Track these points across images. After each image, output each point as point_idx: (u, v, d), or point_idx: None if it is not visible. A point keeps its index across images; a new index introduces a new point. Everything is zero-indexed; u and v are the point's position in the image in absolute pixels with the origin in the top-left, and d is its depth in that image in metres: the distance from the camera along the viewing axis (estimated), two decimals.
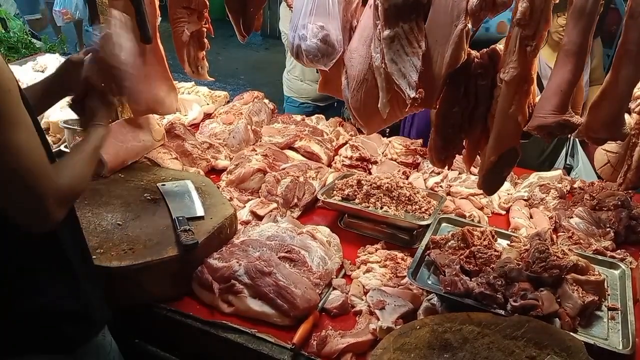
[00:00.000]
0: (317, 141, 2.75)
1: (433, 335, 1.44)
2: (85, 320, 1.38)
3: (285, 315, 1.65)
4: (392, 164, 2.68)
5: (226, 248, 1.86)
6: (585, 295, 1.59)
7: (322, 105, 3.56)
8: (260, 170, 2.40)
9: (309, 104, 3.58)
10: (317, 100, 3.56)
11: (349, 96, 1.69)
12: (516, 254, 1.71)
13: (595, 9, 1.26)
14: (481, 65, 1.48)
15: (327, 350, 1.55)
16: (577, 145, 3.24)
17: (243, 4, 2.01)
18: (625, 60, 1.29)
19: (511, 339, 1.41)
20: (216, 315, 1.70)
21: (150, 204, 1.98)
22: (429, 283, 1.73)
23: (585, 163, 3.15)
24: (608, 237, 2.13)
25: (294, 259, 1.81)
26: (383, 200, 2.15)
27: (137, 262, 1.65)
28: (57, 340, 1.33)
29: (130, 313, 1.71)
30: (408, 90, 1.44)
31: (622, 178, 1.63)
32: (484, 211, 2.34)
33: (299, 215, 2.26)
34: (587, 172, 3.08)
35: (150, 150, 2.38)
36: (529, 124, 1.41)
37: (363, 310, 1.71)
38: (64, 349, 1.35)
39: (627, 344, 1.51)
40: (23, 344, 1.30)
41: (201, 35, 2.27)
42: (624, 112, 1.39)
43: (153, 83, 2.28)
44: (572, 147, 3.24)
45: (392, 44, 1.45)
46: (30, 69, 3.55)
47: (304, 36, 1.69)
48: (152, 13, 2.12)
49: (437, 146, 1.63)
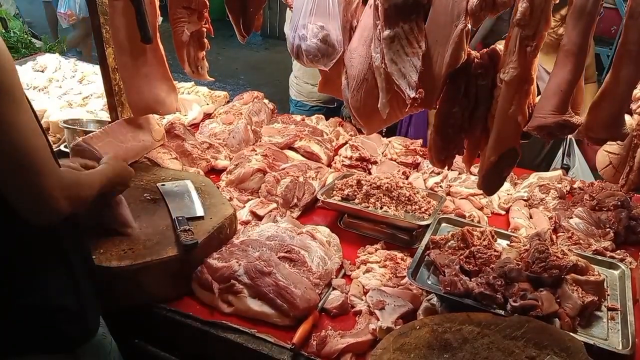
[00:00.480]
0: (317, 141, 2.75)
1: (433, 335, 1.44)
2: (84, 320, 1.38)
3: (285, 315, 1.65)
4: (392, 164, 2.68)
5: (226, 248, 1.86)
6: (585, 295, 1.59)
7: (332, 107, 3.55)
8: (260, 170, 2.40)
9: (321, 106, 3.57)
10: (328, 103, 3.55)
11: (349, 96, 1.68)
12: (516, 254, 1.71)
13: (595, 9, 1.26)
14: (481, 65, 1.48)
15: (327, 351, 1.55)
16: (573, 145, 3.24)
17: (243, 4, 2.01)
18: (625, 60, 1.29)
19: (511, 339, 1.41)
20: (216, 315, 1.70)
21: (150, 204, 1.98)
22: (428, 283, 1.73)
23: (582, 163, 3.15)
24: (608, 237, 2.13)
25: (293, 259, 1.81)
26: (383, 200, 2.15)
27: (137, 262, 1.65)
28: (57, 339, 1.33)
29: (130, 313, 1.71)
30: (408, 90, 1.44)
31: (625, 179, 1.63)
32: (484, 211, 2.34)
33: (299, 215, 2.26)
34: (584, 172, 3.09)
35: (150, 150, 2.38)
36: (528, 124, 1.41)
37: (363, 310, 1.71)
38: (64, 348, 1.35)
39: (627, 344, 1.51)
40: (23, 344, 1.30)
41: (201, 35, 2.27)
42: (624, 113, 1.39)
43: (153, 83, 2.28)
44: (569, 146, 3.24)
45: (392, 44, 1.45)
46: (30, 69, 3.55)
47: (304, 36, 1.69)
48: (152, 13, 2.12)
49: (437, 146, 1.63)
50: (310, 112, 3.54)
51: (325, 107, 3.55)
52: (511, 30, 1.36)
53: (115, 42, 2.16)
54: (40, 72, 3.56)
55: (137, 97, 2.26)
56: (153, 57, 2.23)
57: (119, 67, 2.25)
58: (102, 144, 2.10)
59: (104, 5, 2.17)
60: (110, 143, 2.14)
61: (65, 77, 3.52)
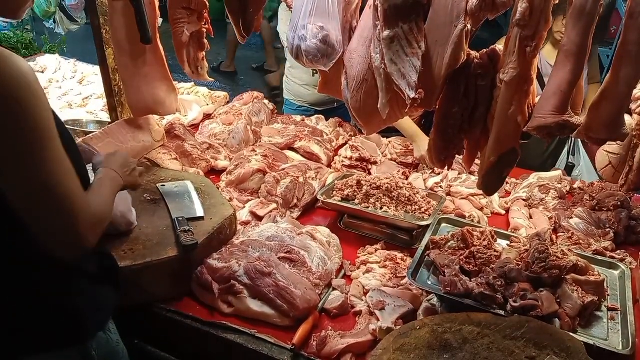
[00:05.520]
0: (317, 142, 2.75)
1: (433, 335, 1.44)
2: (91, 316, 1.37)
3: (285, 315, 1.65)
4: (392, 164, 2.68)
5: (226, 248, 1.86)
6: (585, 295, 1.59)
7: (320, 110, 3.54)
8: (260, 171, 2.40)
9: (306, 107, 3.58)
10: (315, 105, 3.54)
11: (348, 96, 1.69)
12: (516, 254, 1.71)
13: (595, 9, 1.26)
14: (481, 65, 1.48)
15: (327, 351, 1.55)
16: (578, 144, 3.25)
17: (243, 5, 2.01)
18: (625, 61, 1.29)
19: (511, 340, 1.41)
20: (216, 316, 1.69)
21: (150, 204, 1.98)
22: (428, 283, 1.73)
23: (586, 161, 3.16)
24: (608, 237, 2.12)
25: (293, 259, 1.81)
26: (383, 200, 2.15)
27: (137, 262, 1.65)
28: (68, 334, 1.32)
29: (130, 313, 1.71)
30: (408, 90, 1.44)
31: (624, 179, 1.63)
32: (484, 211, 2.34)
33: (299, 216, 2.26)
34: (588, 170, 3.09)
35: (150, 151, 2.38)
36: (528, 124, 1.41)
37: (363, 310, 1.71)
38: (75, 341, 1.33)
39: (627, 344, 1.50)
40: (33, 341, 1.28)
41: (201, 35, 2.27)
42: (623, 113, 1.39)
43: (153, 83, 2.28)
44: (574, 145, 3.25)
45: (391, 45, 1.45)
46: None
47: (304, 37, 1.69)
48: (152, 13, 2.13)
49: (437, 146, 1.63)
50: (297, 111, 3.54)
51: (313, 108, 3.54)
52: (511, 30, 1.36)
53: (115, 42, 2.17)
54: (40, 72, 3.56)
55: (137, 98, 2.26)
56: (153, 57, 2.24)
57: (118, 68, 2.25)
58: (102, 145, 2.10)
59: (104, 6, 2.18)
60: (110, 144, 2.15)
61: (65, 77, 3.52)
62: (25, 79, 1.04)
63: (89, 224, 1.15)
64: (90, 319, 1.35)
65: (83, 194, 1.15)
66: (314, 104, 3.49)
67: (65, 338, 1.31)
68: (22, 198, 1.09)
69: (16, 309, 1.25)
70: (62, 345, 1.31)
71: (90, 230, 1.16)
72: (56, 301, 1.29)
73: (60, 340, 1.30)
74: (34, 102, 1.05)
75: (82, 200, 1.14)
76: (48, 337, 1.29)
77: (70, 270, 1.29)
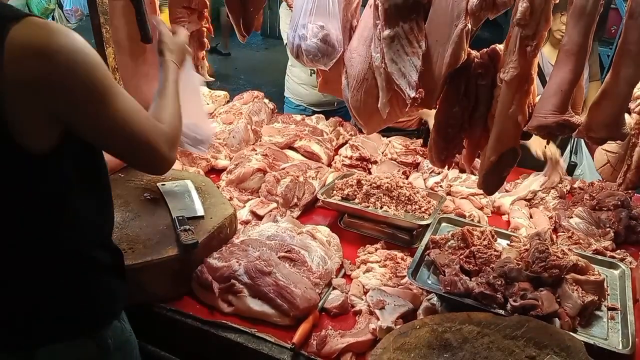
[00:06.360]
0: (317, 141, 2.75)
1: (433, 335, 1.44)
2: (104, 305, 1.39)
3: (285, 314, 1.64)
4: (392, 163, 2.68)
5: (226, 248, 1.86)
6: (585, 295, 1.59)
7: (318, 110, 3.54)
8: (260, 170, 2.40)
9: (304, 106, 3.58)
10: (313, 105, 3.54)
11: (349, 96, 1.69)
12: (516, 253, 1.71)
13: (595, 9, 1.26)
14: (481, 65, 1.48)
15: (327, 350, 1.55)
16: (580, 143, 3.25)
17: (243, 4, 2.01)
18: (625, 60, 1.29)
19: (511, 339, 1.41)
20: (216, 315, 1.70)
21: (150, 203, 1.98)
22: (428, 283, 1.73)
23: (589, 160, 3.16)
24: (608, 237, 2.13)
25: (293, 258, 1.81)
26: (383, 200, 2.15)
27: (137, 261, 1.65)
28: (85, 322, 1.34)
29: (130, 313, 1.71)
30: (408, 90, 1.44)
31: (622, 178, 1.63)
32: (484, 211, 2.34)
33: (299, 215, 2.26)
34: (591, 169, 3.09)
35: None
36: (529, 123, 1.41)
37: (363, 310, 1.71)
38: (93, 330, 1.35)
39: (627, 344, 1.51)
40: (51, 330, 1.29)
41: (201, 35, 2.27)
42: (624, 112, 1.39)
43: (153, 83, 2.26)
44: (576, 144, 3.25)
45: (392, 44, 1.45)
46: None
47: (304, 36, 1.69)
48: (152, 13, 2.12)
49: (437, 146, 1.63)
50: (296, 110, 3.54)
51: (310, 108, 3.54)
52: (511, 30, 1.36)
53: (115, 41, 2.16)
54: None
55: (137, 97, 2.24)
56: (153, 56, 2.22)
57: (118, 67, 2.25)
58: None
59: (104, 5, 2.17)
60: None
61: None
62: (82, 40, 1.15)
63: (167, 146, 1.32)
64: (106, 308, 1.39)
65: (154, 125, 1.31)
66: (312, 104, 3.49)
67: (82, 327, 1.34)
68: (107, 137, 1.24)
69: (36, 299, 1.28)
70: (79, 333, 1.33)
71: (171, 149, 1.35)
72: (74, 291, 1.32)
73: (78, 329, 1.33)
74: (95, 57, 1.17)
75: (156, 130, 1.30)
76: (66, 326, 1.31)
77: (86, 260, 1.33)
